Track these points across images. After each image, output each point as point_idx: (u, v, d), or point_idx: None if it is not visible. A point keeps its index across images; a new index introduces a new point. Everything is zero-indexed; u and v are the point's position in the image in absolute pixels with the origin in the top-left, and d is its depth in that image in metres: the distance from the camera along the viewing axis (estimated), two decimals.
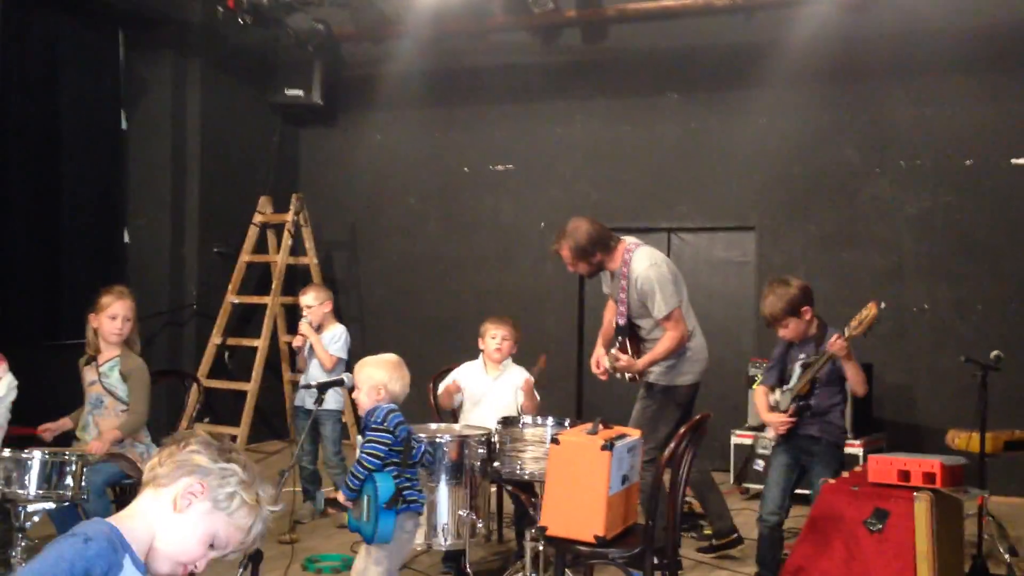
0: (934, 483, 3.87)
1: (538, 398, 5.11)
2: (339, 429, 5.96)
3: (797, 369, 4.52)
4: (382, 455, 3.73)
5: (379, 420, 3.76)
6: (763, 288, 4.70)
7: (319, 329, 5.92)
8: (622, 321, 5.17)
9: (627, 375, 5.27)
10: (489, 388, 5.11)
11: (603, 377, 5.28)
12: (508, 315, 5.48)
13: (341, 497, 3.87)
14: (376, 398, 3.82)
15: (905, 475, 3.93)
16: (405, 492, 3.75)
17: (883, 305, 7.11)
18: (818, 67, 7.40)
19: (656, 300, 4.98)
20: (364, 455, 3.74)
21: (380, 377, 3.83)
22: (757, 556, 4.62)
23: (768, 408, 4.62)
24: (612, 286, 5.24)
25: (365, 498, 3.73)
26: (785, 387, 4.58)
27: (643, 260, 5.07)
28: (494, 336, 5.15)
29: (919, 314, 7.15)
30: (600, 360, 5.22)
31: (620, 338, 5.20)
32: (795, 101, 7.53)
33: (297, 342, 6.00)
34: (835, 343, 4.31)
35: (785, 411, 4.50)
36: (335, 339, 5.93)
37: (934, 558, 3.75)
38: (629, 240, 5.21)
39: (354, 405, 4.15)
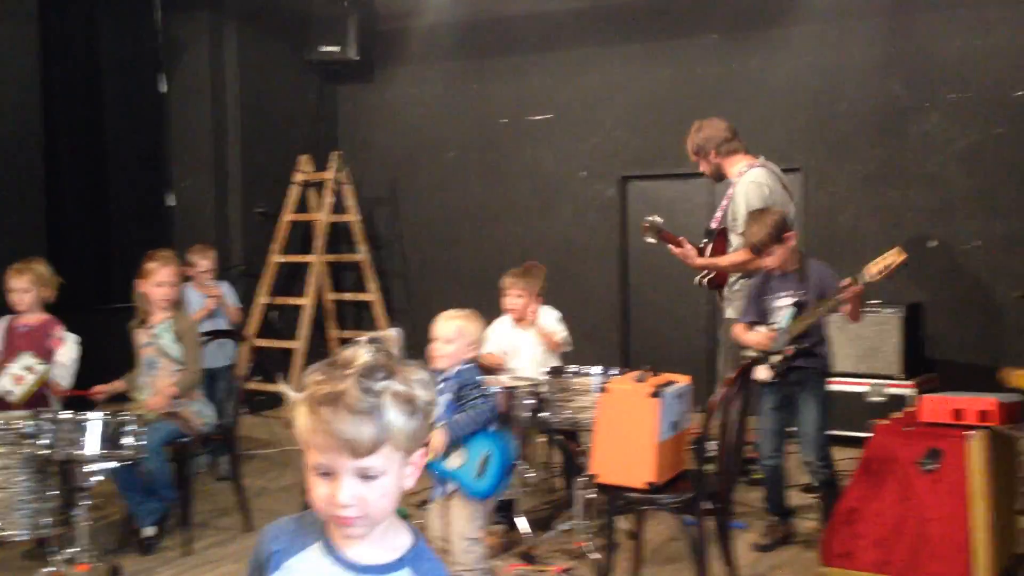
0: (988, 421, 3.82)
1: (556, 334, 5.06)
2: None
3: (787, 308, 4.36)
4: (492, 417, 3.71)
5: (477, 381, 3.72)
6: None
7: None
8: (713, 225, 5.29)
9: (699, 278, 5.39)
10: (521, 339, 5.11)
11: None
12: (550, 265, 5.44)
13: (439, 440, 3.60)
14: (470, 354, 3.77)
15: (959, 414, 3.88)
16: None
17: (934, 243, 7.04)
18: (861, 0, 7.20)
19: (740, 214, 5.00)
20: (482, 412, 3.65)
21: (473, 332, 3.77)
22: (766, 495, 4.70)
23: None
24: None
25: (481, 454, 3.66)
26: (775, 325, 4.39)
27: (755, 175, 5.11)
28: (508, 295, 5.12)
29: (971, 251, 7.01)
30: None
31: (705, 241, 5.29)
32: (839, 37, 7.34)
33: (212, 304, 5.99)
34: (852, 290, 4.15)
35: (779, 352, 4.37)
36: (230, 293, 6.19)
37: (989, 496, 3.71)
38: (761, 160, 5.24)
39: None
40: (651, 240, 5.33)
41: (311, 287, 8.14)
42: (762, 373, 4.48)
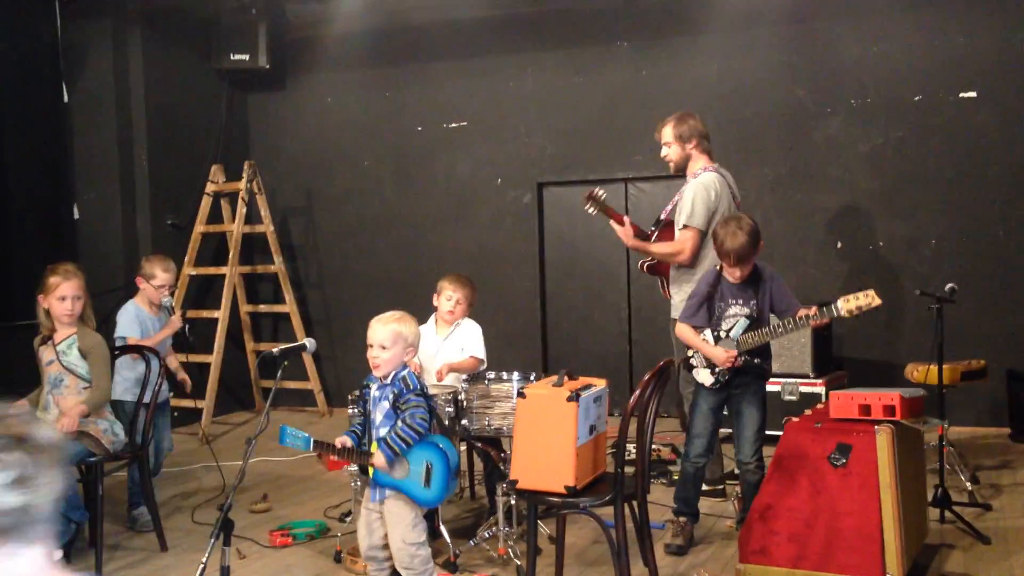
0: (894, 415, 3.93)
1: (466, 365, 4.97)
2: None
3: (740, 320, 4.39)
4: (428, 424, 3.67)
5: (416, 387, 3.67)
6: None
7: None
8: (663, 216, 5.40)
9: (641, 263, 5.54)
10: (438, 348, 5.05)
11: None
12: (468, 272, 5.45)
13: (381, 460, 3.60)
14: (406, 357, 3.73)
15: (866, 409, 3.99)
16: None
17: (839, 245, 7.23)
18: (765, 9, 7.39)
19: (685, 208, 5.07)
20: (417, 421, 3.62)
21: (411, 334, 3.72)
22: (678, 494, 4.68)
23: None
24: None
25: (424, 464, 3.64)
26: (725, 333, 4.41)
27: (708, 178, 5.11)
28: (449, 297, 5.06)
29: (874, 251, 7.24)
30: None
31: (652, 228, 5.42)
32: (744, 44, 7.52)
33: (178, 322, 5.47)
34: (819, 323, 4.28)
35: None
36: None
37: (897, 489, 3.82)
38: (716, 166, 5.24)
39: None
40: (591, 211, 5.44)
41: (225, 300, 7.99)
42: (704, 377, 4.52)
